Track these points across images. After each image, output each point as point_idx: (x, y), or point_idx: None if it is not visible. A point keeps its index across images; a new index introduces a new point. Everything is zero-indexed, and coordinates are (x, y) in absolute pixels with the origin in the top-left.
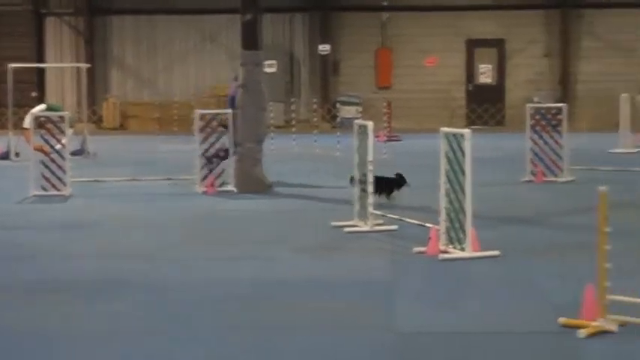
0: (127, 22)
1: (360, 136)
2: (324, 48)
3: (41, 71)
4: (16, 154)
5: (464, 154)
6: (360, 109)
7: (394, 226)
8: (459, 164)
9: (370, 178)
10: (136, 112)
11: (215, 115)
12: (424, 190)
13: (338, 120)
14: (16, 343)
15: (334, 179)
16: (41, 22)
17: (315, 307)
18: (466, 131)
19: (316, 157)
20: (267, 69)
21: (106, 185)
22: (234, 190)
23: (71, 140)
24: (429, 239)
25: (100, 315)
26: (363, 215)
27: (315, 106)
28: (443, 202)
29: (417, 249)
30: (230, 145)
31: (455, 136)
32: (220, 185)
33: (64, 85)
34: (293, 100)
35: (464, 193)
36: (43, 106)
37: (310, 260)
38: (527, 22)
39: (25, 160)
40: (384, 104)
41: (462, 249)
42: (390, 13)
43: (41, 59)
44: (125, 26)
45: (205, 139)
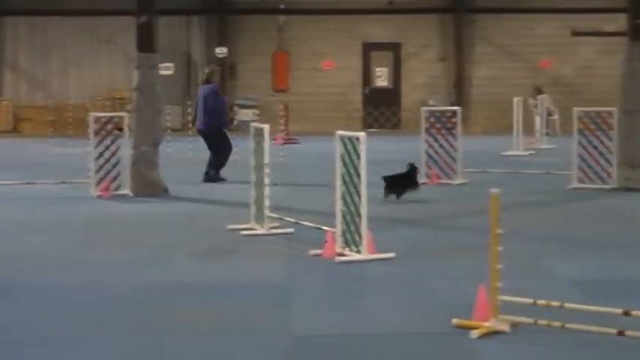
0: (20, 23)
1: (257, 139)
2: (221, 51)
3: None
4: None
5: (359, 157)
6: (258, 111)
7: (290, 229)
8: (354, 167)
9: (266, 180)
10: (30, 115)
11: (110, 118)
12: (320, 193)
13: (235, 123)
14: None
15: (231, 182)
16: None
17: (211, 311)
18: (361, 134)
19: None
20: (163, 72)
21: None
22: (129, 194)
23: None
24: (325, 242)
25: None
26: (259, 218)
27: None
28: (339, 204)
29: (313, 252)
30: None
31: (350, 140)
32: (115, 189)
33: None
34: (190, 103)
35: (359, 195)
36: None
37: (207, 264)
38: (422, 27)
39: None
40: (281, 107)
41: (358, 251)
42: (287, 16)
43: None
44: (18, 27)
45: (100, 142)
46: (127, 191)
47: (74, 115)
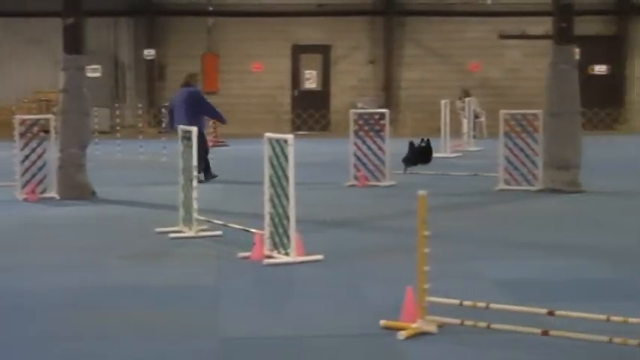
0: None
1: (185, 142)
2: (149, 53)
3: None
4: None
5: (287, 159)
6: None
7: (219, 232)
8: (282, 169)
9: (194, 183)
10: None
11: (37, 121)
12: (249, 196)
13: (164, 125)
14: None
15: (160, 185)
16: None
17: (139, 314)
18: (289, 137)
19: (142, 162)
20: (90, 74)
21: None
22: (56, 197)
23: None
24: (253, 244)
25: None
26: (187, 221)
27: (141, 112)
28: (267, 207)
29: (241, 254)
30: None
31: (278, 142)
32: (42, 192)
33: None
34: (118, 106)
35: (287, 198)
36: None
37: (134, 267)
38: (352, 29)
39: None
40: None
41: (287, 254)
42: (216, 18)
43: None
44: None
45: (26, 144)
46: (53, 194)
47: None
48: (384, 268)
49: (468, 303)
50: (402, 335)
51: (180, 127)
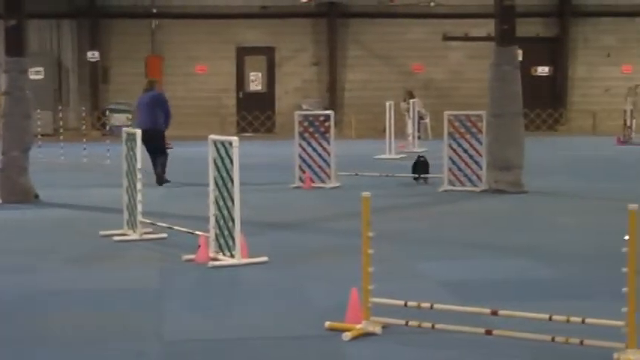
0: None
1: (129, 144)
2: (92, 55)
3: None
4: None
5: (232, 161)
6: (131, 116)
7: (163, 234)
8: (227, 172)
9: (139, 186)
10: None
11: None
12: (194, 198)
13: (108, 128)
14: None
15: (104, 187)
16: None
17: (82, 318)
18: (234, 139)
19: (85, 165)
20: (33, 76)
21: None
22: None
23: None
24: (198, 247)
25: None
26: (132, 224)
27: (85, 114)
28: (212, 209)
29: (186, 257)
30: None
31: (223, 144)
32: None
33: None
34: (61, 108)
35: (232, 200)
36: None
37: (78, 270)
38: (296, 31)
39: None
40: None
41: (232, 256)
42: (160, 20)
43: None
44: None
45: None
46: None
47: None
48: (329, 269)
49: (412, 303)
50: (346, 336)
51: (124, 130)
